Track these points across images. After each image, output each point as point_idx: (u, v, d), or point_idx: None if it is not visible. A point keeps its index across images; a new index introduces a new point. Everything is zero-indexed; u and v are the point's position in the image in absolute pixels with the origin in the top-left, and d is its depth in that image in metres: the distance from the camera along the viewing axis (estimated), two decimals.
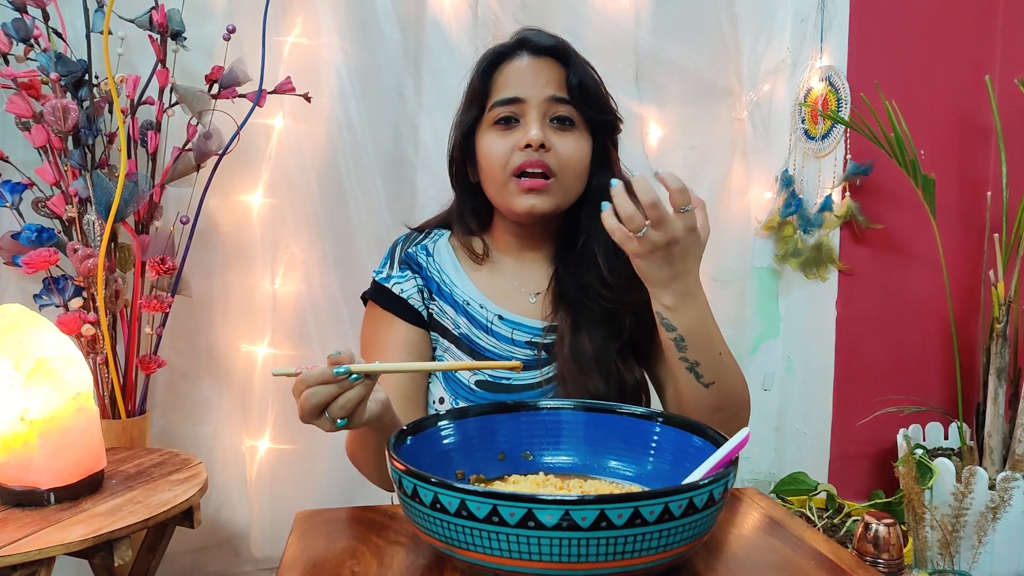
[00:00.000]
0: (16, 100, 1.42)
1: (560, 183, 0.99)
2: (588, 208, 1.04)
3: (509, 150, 0.98)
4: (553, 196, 0.99)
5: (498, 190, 1.00)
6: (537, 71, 1.00)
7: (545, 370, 1.03)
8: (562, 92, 0.99)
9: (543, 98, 0.98)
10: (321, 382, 0.72)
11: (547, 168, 0.97)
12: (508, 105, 0.99)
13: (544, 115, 0.99)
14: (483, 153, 1.01)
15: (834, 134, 1.96)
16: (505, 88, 1.00)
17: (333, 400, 0.73)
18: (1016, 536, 1.69)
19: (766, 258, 2.07)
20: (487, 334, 1.04)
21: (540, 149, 0.96)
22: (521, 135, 0.98)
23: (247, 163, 1.70)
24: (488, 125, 1.01)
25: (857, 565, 0.68)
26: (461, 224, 1.09)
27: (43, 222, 1.50)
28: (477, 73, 1.03)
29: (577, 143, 1.00)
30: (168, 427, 1.73)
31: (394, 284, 1.05)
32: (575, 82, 0.99)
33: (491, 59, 1.02)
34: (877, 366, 2.04)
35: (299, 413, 0.74)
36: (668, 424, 0.79)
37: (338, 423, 0.74)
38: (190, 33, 1.55)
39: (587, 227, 1.04)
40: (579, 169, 1.01)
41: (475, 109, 1.03)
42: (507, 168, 0.98)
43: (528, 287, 1.07)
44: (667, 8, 1.92)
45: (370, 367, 0.74)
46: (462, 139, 1.04)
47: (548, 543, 0.55)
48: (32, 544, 1.04)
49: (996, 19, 2.01)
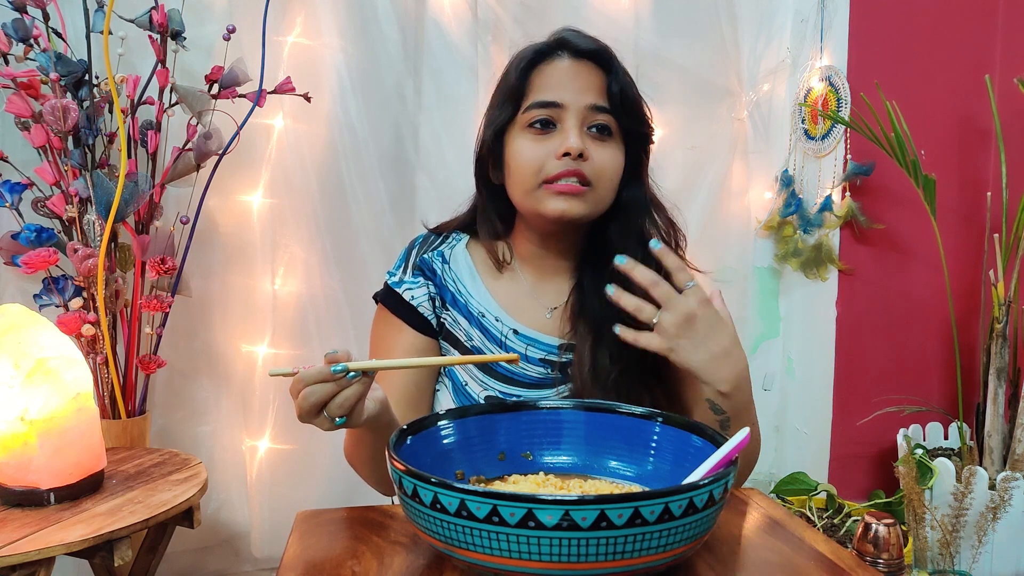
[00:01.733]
0: (16, 100, 1.42)
1: (595, 193, 0.95)
2: (617, 223, 1.01)
3: (544, 156, 0.94)
4: (587, 203, 0.95)
5: (526, 194, 0.96)
6: (577, 75, 0.96)
7: (560, 389, 1.01)
8: (602, 100, 0.95)
9: (583, 105, 0.94)
10: (319, 380, 0.72)
11: (583, 177, 0.93)
12: (546, 108, 0.95)
13: (583, 122, 0.95)
14: (514, 156, 0.96)
15: (834, 134, 1.96)
16: (544, 90, 0.96)
17: (331, 398, 0.73)
18: (1016, 536, 1.69)
19: (766, 258, 2.07)
20: (500, 348, 1.01)
21: (579, 158, 0.93)
22: (558, 142, 0.94)
23: (247, 163, 1.70)
24: (522, 127, 0.96)
25: (857, 565, 0.68)
26: (487, 226, 1.05)
27: (43, 222, 1.50)
28: (515, 71, 0.98)
29: (613, 154, 0.96)
30: (168, 427, 1.73)
31: (405, 290, 1.03)
32: (616, 91, 0.95)
33: (530, 58, 0.97)
34: (877, 366, 2.04)
35: (297, 412, 0.74)
36: (668, 424, 0.79)
37: (336, 421, 0.74)
38: (190, 33, 1.55)
39: (618, 241, 1.00)
40: (614, 180, 0.97)
41: (509, 108, 0.98)
42: (540, 175, 0.94)
43: (545, 300, 1.04)
44: (667, 8, 1.92)
45: (367, 364, 0.73)
46: (492, 139, 0.99)
47: (548, 543, 0.55)
48: (32, 544, 1.04)
49: (996, 19, 2.01)
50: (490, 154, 1.01)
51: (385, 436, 0.82)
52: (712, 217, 2.01)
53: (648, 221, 1.03)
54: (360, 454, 0.94)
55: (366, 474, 0.97)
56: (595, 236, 1.03)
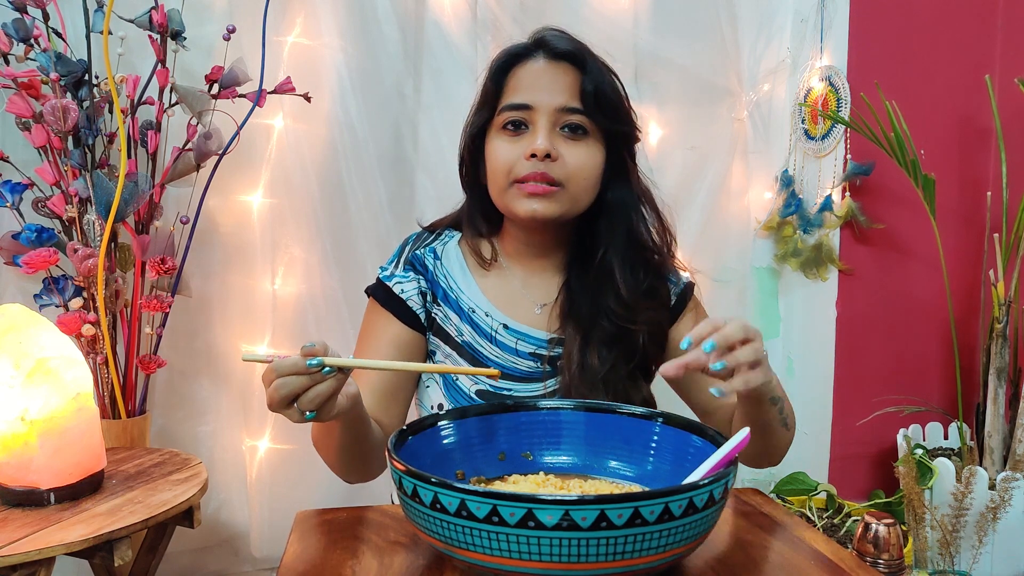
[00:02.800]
0: (16, 100, 1.42)
1: (568, 192, 0.96)
2: (606, 220, 1.01)
3: (515, 157, 0.96)
4: (559, 203, 0.96)
5: (500, 194, 0.99)
6: (552, 76, 0.97)
7: (548, 383, 1.02)
8: (575, 101, 0.96)
9: (554, 107, 0.96)
10: (292, 372, 0.71)
11: (550, 179, 0.94)
12: (517, 111, 0.97)
13: (554, 123, 0.96)
14: (490, 157, 0.99)
15: (834, 134, 1.96)
16: (516, 92, 0.98)
17: (303, 392, 0.71)
18: (1016, 536, 1.69)
19: (766, 258, 2.07)
20: (491, 343, 1.02)
21: (546, 159, 0.94)
22: (528, 142, 0.95)
23: (247, 163, 1.70)
24: (497, 129, 0.99)
25: (857, 565, 0.68)
26: (471, 226, 1.08)
27: (43, 222, 1.50)
28: (490, 74, 1.01)
29: (588, 152, 0.97)
30: (168, 427, 1.73)
31: (395, 283, 1.04)
32: (589, 89, 0.96)
33: (504, 60, 1.00)
34: (877, 366, 2.04)
35: (267, 402, 0.72)
36: (668, 424, 0.79)
37: (307, 416, 0.73)
38: (190, 33, 1.55)
39: (605, 240, 1.01)
40: (589, 179, 0.98)
41: (486, 111, 1.00)
42: (510, 175, 0.96)
43: (535, 296, 1.05)
44: (667, 8, 1.92)
45: (343, 361, 0.72)
46: (471, 141, 1.02)
47: (548, 543, 0.55)
48: (32, 544, 1.04)
49: (996, 19, 2.01)
50: (469, 157, 1.04)
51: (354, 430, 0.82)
52: (712, 217, 2.00)
53: (637, 219, 1.04)
54: (327, 444, 0.93)
55: (331, 460, 0.97)
56: (583, 233, 1.04)
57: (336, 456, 0.94)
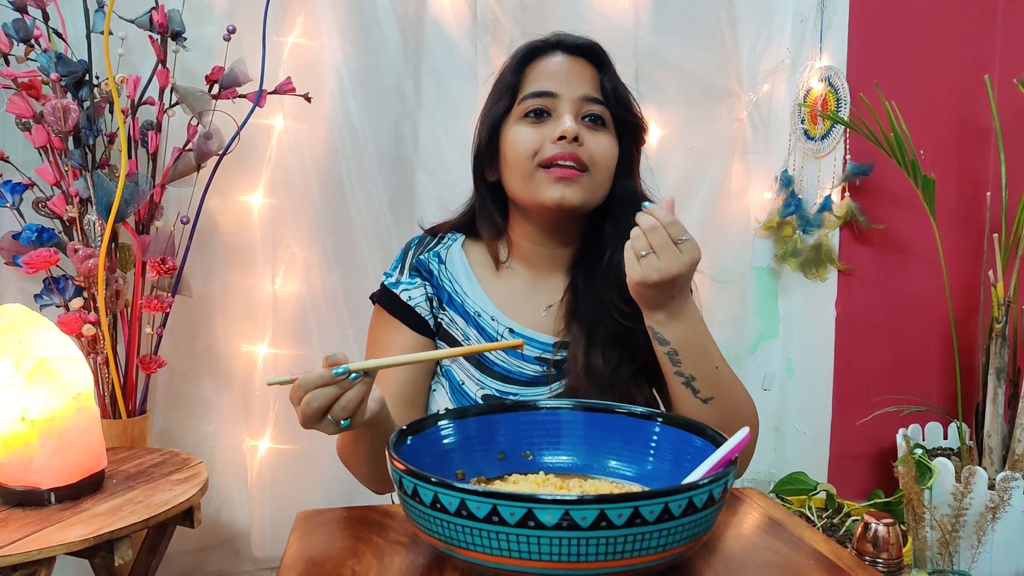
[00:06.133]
0: (16, 100, 1.42)
1: (592, 178, 0.96)
2: (611, 220, 1.02)
3: (540, 140, 0.95)
4: (584, 189, 0.95)
5: (524, 181, 0.97)
6: (571, 70, 0.98)
7: (554, 386, 1.02)
8: (596, 93, 0.98)
9: (577, 96, 0.97)
10: (320, 385, 0.71)
11: (579, 161, 0.94)
12: (541, 98, 0.97)
13: (577, 112, 0.97)
14: (510, 143, 0.98)
15: (834, 134, 1.96)
16: (538, 82, 0.98)
17: (334, 402, 0.72)
18: (1016, 536, 1.69)
19: (766, 258, 2.07)
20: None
21: (574, 142, 0.94)
22: (553, 128, 0.95)
23: (247, 163, 1.70)
24: (517, 118, 0.99)
25: (857, 565, 0.68)
26: (488, 223, 1.05)
27: (43, 222, 1.50)
28: (510, 66, 1.01)
29: (609, 142, 0.98)
30: (168, 427, 1.74)
31: (402, 291, 1.03)
32: (609, 87, 0.98)
33: (525, 53, 1.00)
34: (877, 366, 2.04)
35: (300, 419, 0.73)
36: (668, 424, 0.79)
37: (342, 424, 0.73)
38: (190, 33, 1.55)
39: (611, 239, 1.01)
40: (610, 168, 0.99)
41: (504, 102, 1.00)
42: (536, 158, 0.95)
43: (541, 298, 1.05)
44: (666, 8, 1.92)
45: (368, 364, 0.73)
46: (488, 134, 1.01)
47: (548, 543, 0.55)
48: (32, 544, 1.04)
49: (996, 19, 2.01)
50: (487, 149, 1.02)
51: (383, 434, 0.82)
52: (711, 217, 2.01)
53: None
54: (356, 453, 0.94)
55: (361, 472, 0.97)
56: (589, 233, 1.04)
57: (366, 465, 0.94)
